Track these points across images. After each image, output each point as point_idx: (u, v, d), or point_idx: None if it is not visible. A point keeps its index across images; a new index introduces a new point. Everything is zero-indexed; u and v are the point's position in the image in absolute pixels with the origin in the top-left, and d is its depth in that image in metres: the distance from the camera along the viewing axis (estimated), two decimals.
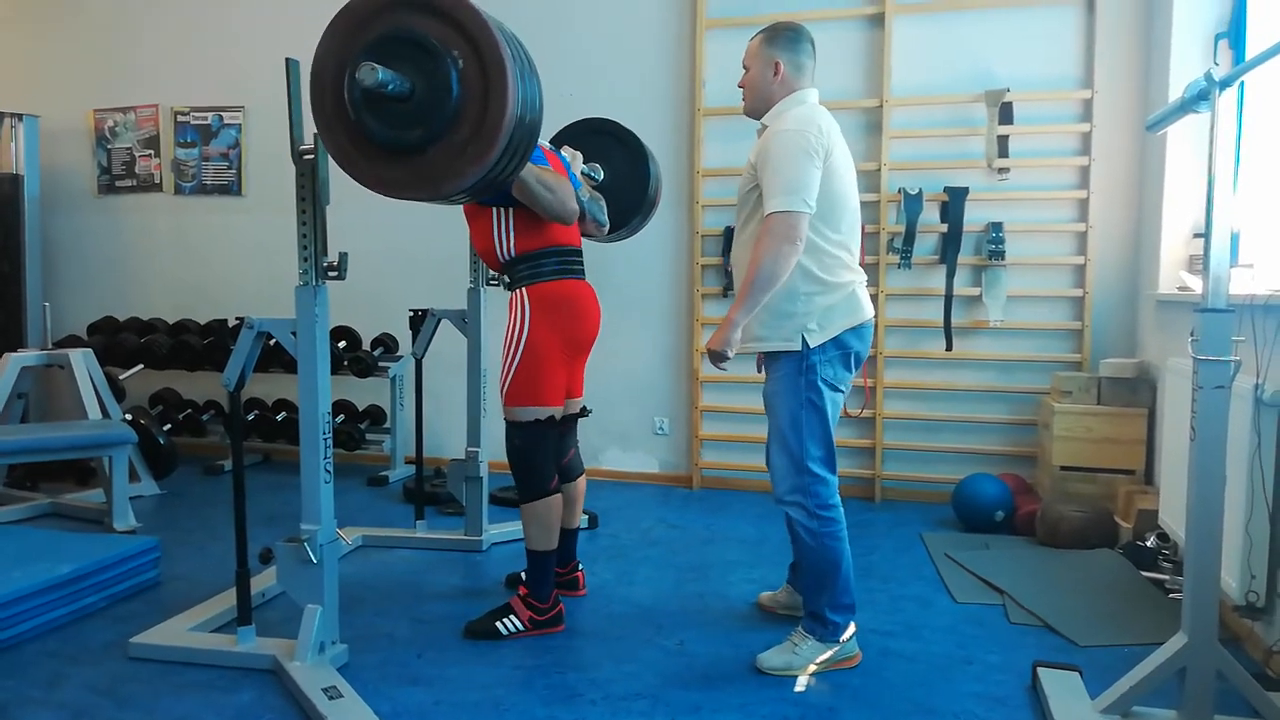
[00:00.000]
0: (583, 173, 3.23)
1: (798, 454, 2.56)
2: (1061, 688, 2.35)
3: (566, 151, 3.14)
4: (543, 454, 2.84)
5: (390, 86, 2.06)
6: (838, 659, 2.61)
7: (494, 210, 2.82)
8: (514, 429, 2.83)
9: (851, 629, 2.65)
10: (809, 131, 2.46)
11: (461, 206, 2.87)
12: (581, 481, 3.20)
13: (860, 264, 2.64)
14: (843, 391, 2.62)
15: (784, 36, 2.63)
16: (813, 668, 2.57)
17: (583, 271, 2.96)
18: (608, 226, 3.28)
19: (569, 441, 3.14)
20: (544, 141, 2.95)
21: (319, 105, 2.21)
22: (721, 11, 4.67)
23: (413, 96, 2.11)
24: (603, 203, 3.23)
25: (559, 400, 2.88)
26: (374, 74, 2.02)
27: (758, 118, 2.68)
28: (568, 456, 3.13)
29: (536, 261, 2.83)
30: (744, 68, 2.70)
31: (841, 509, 2.61)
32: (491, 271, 3.16)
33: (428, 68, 2.10)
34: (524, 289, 2.82)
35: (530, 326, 2.79)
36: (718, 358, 2.50)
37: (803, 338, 2.51)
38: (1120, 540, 3.61)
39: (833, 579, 2.59)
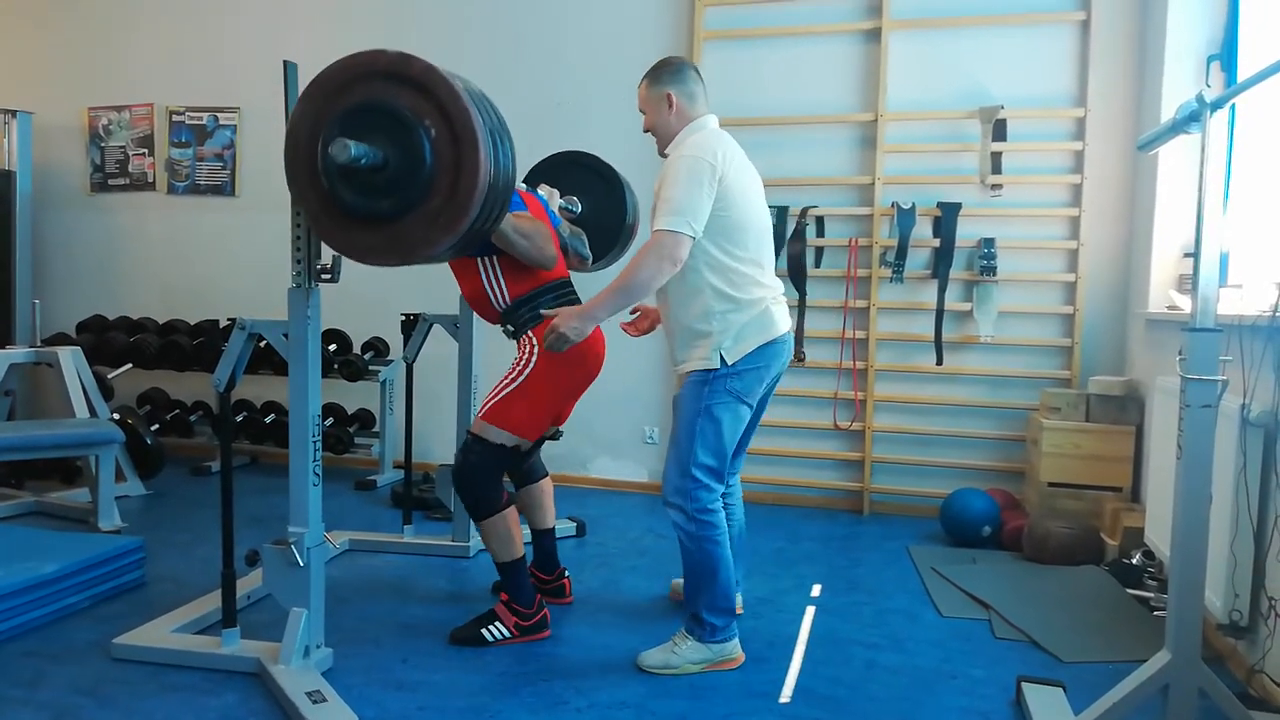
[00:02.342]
0: (560, 207, 3.24)
1: (685, 458, 2.60)
2: (1045, 703, 2.36)
3: (543, 189, 3.16)
4: (493, 478, 2.81)
5: (364, 160, 2.06)
6: (717, 660, 2.66)
7: (479, 260, 2.83)
8: (477, 444, 2.79)
9: (734, 632, 2.70)
10: (704, 157, 2.51)
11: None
12: (546, 483, 3.21)
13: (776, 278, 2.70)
14: (749, 405, 2.65)
15: (667, 72, 2.69)
16: (692, 668, 2.62)
17: (578, 300, 2.94)
18: (590, 260, 3.30)
19: (530, 456, 3.13)
20: (519, 183, 2.95)
21: (293, 171, 2.24)
22: (719, 24, 4.69)
23: (386, 167, 2.11)
24: (584, 237, 3.26)
25: (534, 435, 2.89)
26: (346, 150, 2.03)
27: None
28: (527, 464, 3.12)
29: (535, 301, 2.84)
30: (641, 112, 2.74)
31: (722, 516, 2.66)
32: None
33: (400, 138, 2.11)
34: (534, 330, 2.80)
35: (536, 365, 2.78)
36: (563, 341, 2.49)
37: (720, 355, 2.56)
38: (1106, 557, 3.62)
39: (709, 583, 2.64)
